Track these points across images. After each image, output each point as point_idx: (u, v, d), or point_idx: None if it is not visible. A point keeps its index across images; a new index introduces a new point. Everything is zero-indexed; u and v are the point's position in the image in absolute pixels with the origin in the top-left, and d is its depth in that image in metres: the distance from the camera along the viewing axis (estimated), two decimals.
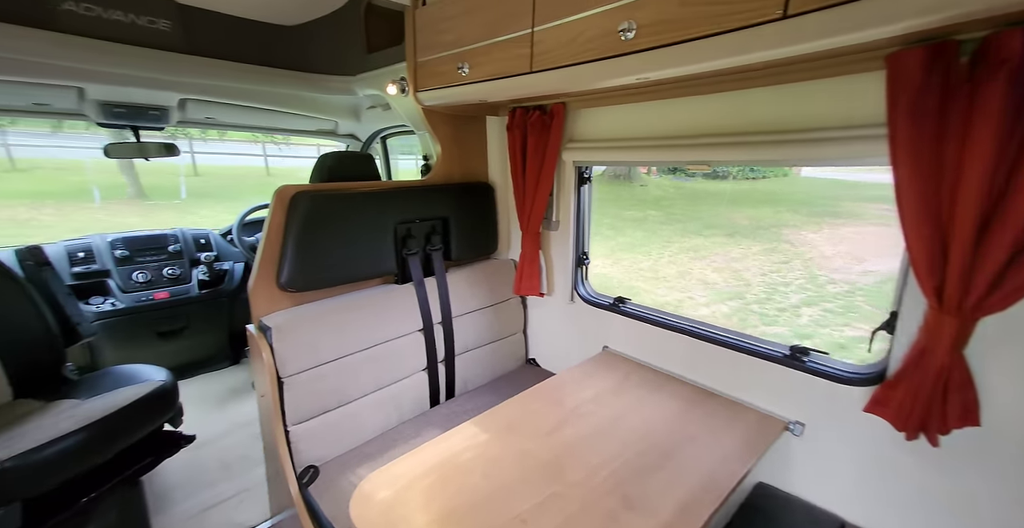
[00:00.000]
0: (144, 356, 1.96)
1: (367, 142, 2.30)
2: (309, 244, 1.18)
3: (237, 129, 2.00)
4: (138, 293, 1.85)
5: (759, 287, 5.07)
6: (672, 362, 1.26)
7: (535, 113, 1.35)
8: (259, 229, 2.36)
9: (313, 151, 12.87)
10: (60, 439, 1.05)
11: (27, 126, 9.07)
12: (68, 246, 1.78)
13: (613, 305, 1.41)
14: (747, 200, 8.35)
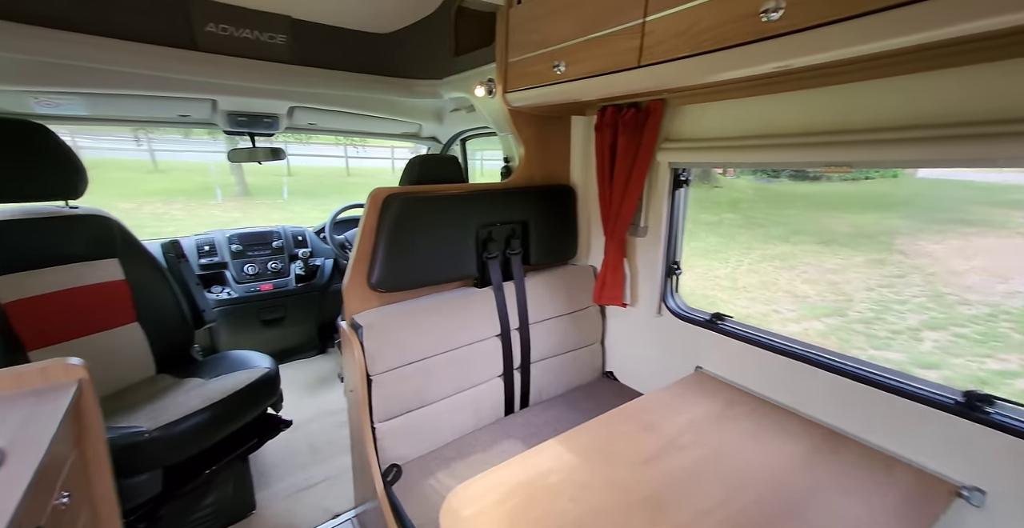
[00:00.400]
0: (249, 341, 2.19)
1: (447, 144, 2.36)
2: (399, 245, 1.21)
3: (333, 134, 2.15)
4: (248, 284, 2.07)
5: (864, 304, 4.43)
6: (786, 393, 1.10)
7: (629, 111, 1.26)
8: (348, 227, 2.53)
9: (387, 153, 13.84)
10: (192, 415, 1.19)
11: (165, 133, 10.72)
12: (197, 240, 2.05)
13: (710, 322, 1.28)
14: (846, 204, 7.36)
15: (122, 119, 1.63)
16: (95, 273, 1.37)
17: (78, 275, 1.34)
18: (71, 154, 1.31)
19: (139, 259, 1.47)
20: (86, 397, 0.89)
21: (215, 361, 1.54)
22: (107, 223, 1.42)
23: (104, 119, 1.59)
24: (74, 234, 1.34)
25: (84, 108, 1.46)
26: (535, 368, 1.50)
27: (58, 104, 1.40)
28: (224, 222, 8.24)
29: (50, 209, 1.32)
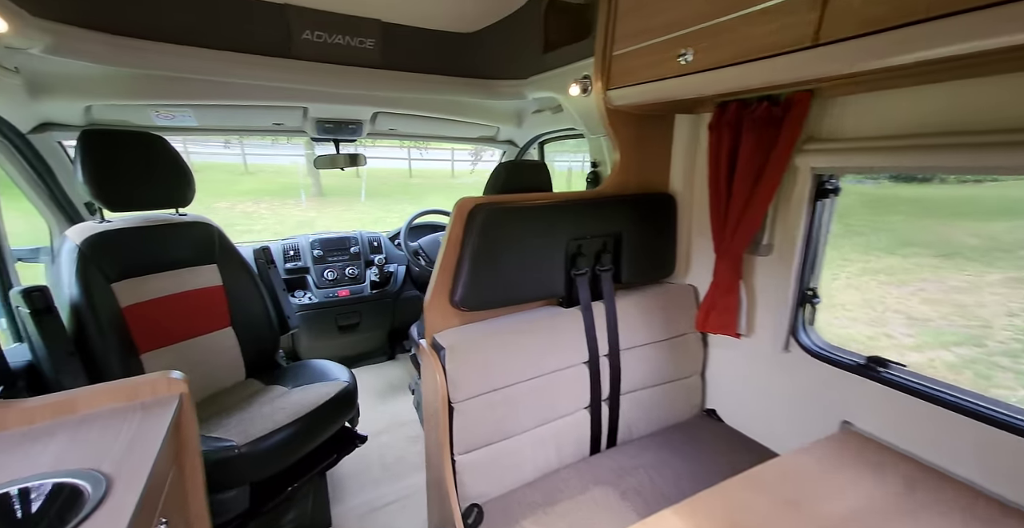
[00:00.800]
0: (326, 345, 2.24)
1: (524, 148, 2.24)
2: (485, 259, 1.10)
3: (411, 139, 2.12)
4: (327, 289, 2.11)
5: (1007, 332, 3.68)
6: (1004, 480, 0.83)
7: (760, 106, 1.05)
8: (420, 234, 2.51)
9: (447, 154, 14.18)
10: (279, 430, 1.17)
11: (255, 138, 11.83)
12: (284, 244, 2.12)
13: (863, 367, 1.02)
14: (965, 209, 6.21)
15: (225, 129, 1.71)
16: (197, 278, 1.43)
17: (183, 280, 1.39)
18: (183, 163, 1.37)
19: (235, 265, 1.52)
20: (186, 411, 0.88)
21: (297, 369, 1.55)
22: (209, 230, 1.47)
23: (209, 129, 1.68)
24: (181, 241, 1.40)
25: (194, 119, 1.53)
26: (625, 401, 1.33)
27: (173, 116, 1.48)
28: (303, 221, 8.89)
29: (163, 216, 1.39)
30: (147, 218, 1.36)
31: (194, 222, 1.45)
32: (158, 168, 1.32)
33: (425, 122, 1.90)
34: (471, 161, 14.44)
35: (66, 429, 0.77)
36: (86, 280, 1.17)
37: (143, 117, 1.47)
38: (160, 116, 1.46)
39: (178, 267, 1.39)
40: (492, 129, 2.09)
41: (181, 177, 1.37)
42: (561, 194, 1.31)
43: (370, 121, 1.82)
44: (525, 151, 2.27)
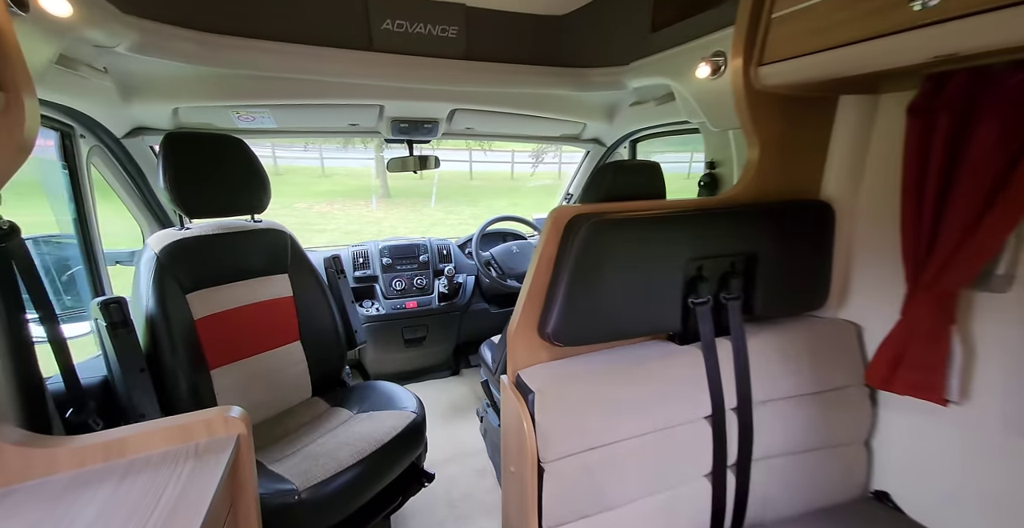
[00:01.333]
0: (392, 359, 2.14)
1: (612, 147, 1.98)
2: (585, 284, 0.87)
3: (486, 138, 1.95)
4: (395, 300, 2.00)
5: None
6: None
7: (1015, 77, 0.70)
8: (492, 242, 2.34)
9: (507, 156, 14.11)
10: (342, 472, 1.04)
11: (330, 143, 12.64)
12: (354, 250, 2.06)
13: None
14: None
15: (302, 131, 1.65)
16: (268, 289, 1.36)
17: (254, 291, 1.33)
18: (260, 167, 1.30)
19: (306, 275, 1.43)
20: (243, 455, 0.75)
21: (363, 392, 1.43)
22: (282, 237, 1.40)
23: (288, 132, 1.62)
24: (255, 248, 1.34)
25: (272, 121, 1.48)
26: (758, 469, 1.02)
27: (253, 118, 1.43)
28: (371, 221, 9.31)
29: (238, 223, 1.33)
30: (223, 225, 1.30)
31: (268, 229, 1.37)
32: (236, 172, 1.25)
33: (504, 119, 1.71)
34: (531, 163, 14.27)
35: (113, 476, 0.67)
36: (162, 291, 1.11)
37: (225, 120, 1.43)
38: (241, 118, 1.42)
39: (250, 277, 1.32)
40: (578, 126, 1.85)
41: (258, 181, 1.30)
42: (678, 202, 1.03)
43: (446, 120, 1.67)
44: (613, 151, 2.01)
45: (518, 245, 2.13)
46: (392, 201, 11.04)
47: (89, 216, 1.30)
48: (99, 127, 1.29)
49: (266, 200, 1.33)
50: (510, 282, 2.01)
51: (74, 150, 1.23)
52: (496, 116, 1.67)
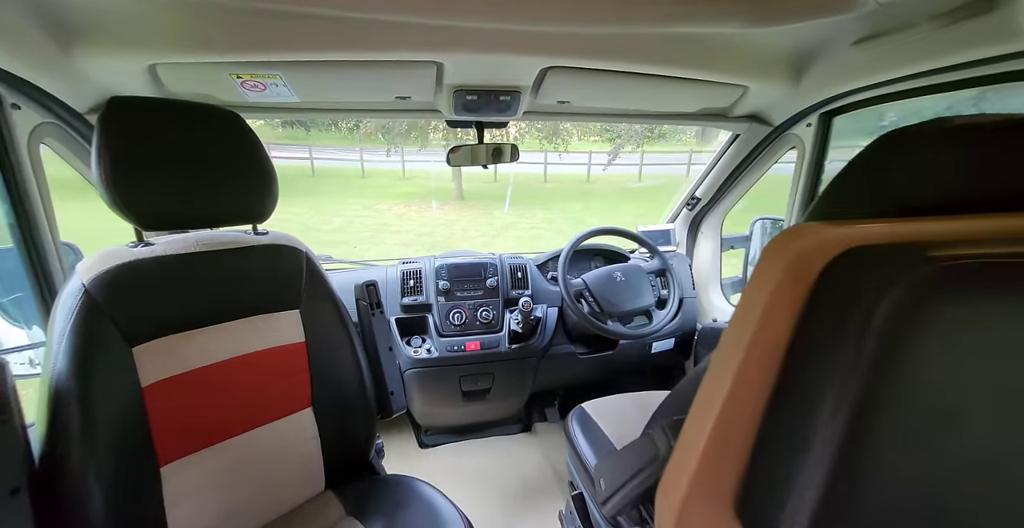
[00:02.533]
0: (443, 413, 1.66)
1: (782, 127, 1.28)
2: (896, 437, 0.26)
3: (585, 119, 1.37)
4: (452, 339, 1.50)
5: None
6: None
7: None
8: (583, 264, 1.75)
9: (583, 158, 13.30)
10: None
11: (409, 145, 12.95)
12: (404, 269, 1.59)
13: None
14: None
15: (334, 108, 1.22)
16: (270, 332, 0.92)
17: (247, 336, 0.90)
18: (264, 155, 0.87)
19: (326, 311, 0.99)
20: None
21: (392, 492, 0.96)
22: (296, 256, 0.96)
23: (315, 110, 1.20)
24: (254, 274, 0.91)
25: (291, 91, 1.05)
26: None
27: (263, 86, 1.01)
28: (444, 223, 9.23)
29: (229, 237, 0.91)
30: (205, 239, 0.89)
31: (276, 245, 0.94)
32: (228, 164, 0.83)
33: (618, 86, 1.12)
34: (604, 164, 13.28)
35: None
36: (86, 343, 0.70)
37: (228, 90, 1.02)
38: (247, 85, 1.00)
39: (242, 315, 0.90)
40: (733, 93, 1.19)
41: (261, 178, 0.87)
42: None
43: (532, 89, 1.13)
44: (780, 134, 1.31)
45: (623, 271, 1.51)
46: (465, 203, 10.94)
47: (37, 219, 0.97)
48: (44, 95, 0.93)
49: (271, 205, 0.90)
50: (611, 325, 1.41)
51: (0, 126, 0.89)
52: (607, 80, 1.09)
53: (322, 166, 13.71)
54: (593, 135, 14.75)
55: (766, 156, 1.43)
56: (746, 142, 1.42)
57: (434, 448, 1.76)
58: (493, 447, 1.77)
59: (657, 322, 1.42)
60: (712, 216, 1.76)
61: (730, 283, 1.82)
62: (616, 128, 11.94)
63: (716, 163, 1.57)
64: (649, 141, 12.28)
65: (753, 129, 1.35)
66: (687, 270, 1.77)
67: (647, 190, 12.53)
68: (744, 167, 1.50)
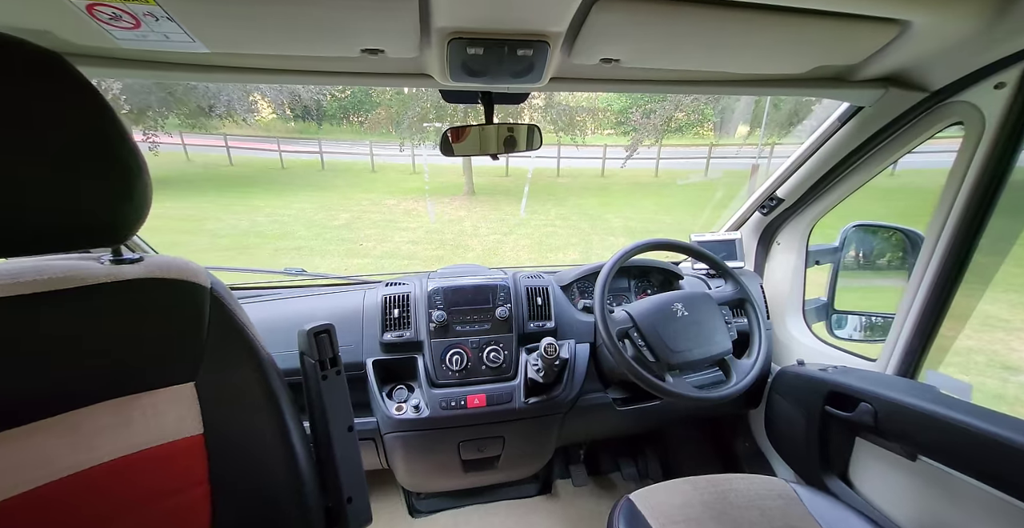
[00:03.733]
0: (437, 484, 1.28)
1: (944, 92, 0.85)
2: None
3: (639, 87, 0.95)
4: (449, 391, 1.10)
5: None
6: None
7: None
8: (622, 286, 1.35)
9: (598, 152, 12.74)
10: None
11: (425, 140, 12.60)
12: (386, 294, 1.20)
13: None
14: None
15: (270, 70, 0.83)
16: (142, 424, 0.57)
17: (100, 434, 0.55)
18: (121, 134, 0.49)
19: (242, 380, 0.62)
20: None
21: None
22: (190, 295, 0.59)
23: (241, 70, 0.80)
24: (114, 327, 0.54)
25: (188, 37, 0.66)
26: None
27: (132, 19, 0.62)
28: (453, 219, 8.87)
29: (63, 269, 0.53)
30: (21, 274, 0.52)
31: (152, 279, 0.57)
32: (46, 143, 0.46)
33: (696, 34, 0.71)
34: (622, 159, 12.70)
35: None
36: None
37: (78, 24, 0.61)
38: (105, 18, 0.60)
39: (94, 399, 0.54)
40: (874, 38, 0.76)
41: (118, 171, 0.50)
42: None
43: (566, 38, 0.73)
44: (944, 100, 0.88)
45: (686, 302, 1.08)
46: (476, 199, 10.58)
47: None
48: None
49: (133, 212, 0.52)
50: (672, 382, 0.99)
51: None
52: (679, 25, 0.68)
53: (333, 160, 13.53)
54: (607, 128, 14.19)
55: (901, 139, 1.00)
56: (872, 119, 0.98)
57: (428, 517, 1.39)
58: (503, 516, 1.38)
59: (738, 378, 1.00)
60: (796, 222, 1.33)
61: (813, 309, 1.40)
62: (633, 120, 11.38)
63: (814, 152, 1.14)
64: (665, 134, 11.70)
65: (889, 98, 0.92)
66: (759, 292, 1.36)
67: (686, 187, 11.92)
68: (860, 156, 1.07)
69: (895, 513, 0.97)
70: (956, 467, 0.81)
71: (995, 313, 3.47)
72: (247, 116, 10.13)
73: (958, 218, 0.87)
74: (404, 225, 8.41)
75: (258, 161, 12.82)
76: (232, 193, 9.84)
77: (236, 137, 12.54)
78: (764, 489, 0.94)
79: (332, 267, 5.90)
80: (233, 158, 12.48)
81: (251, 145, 12.89)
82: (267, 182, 11.37)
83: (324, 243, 6.93)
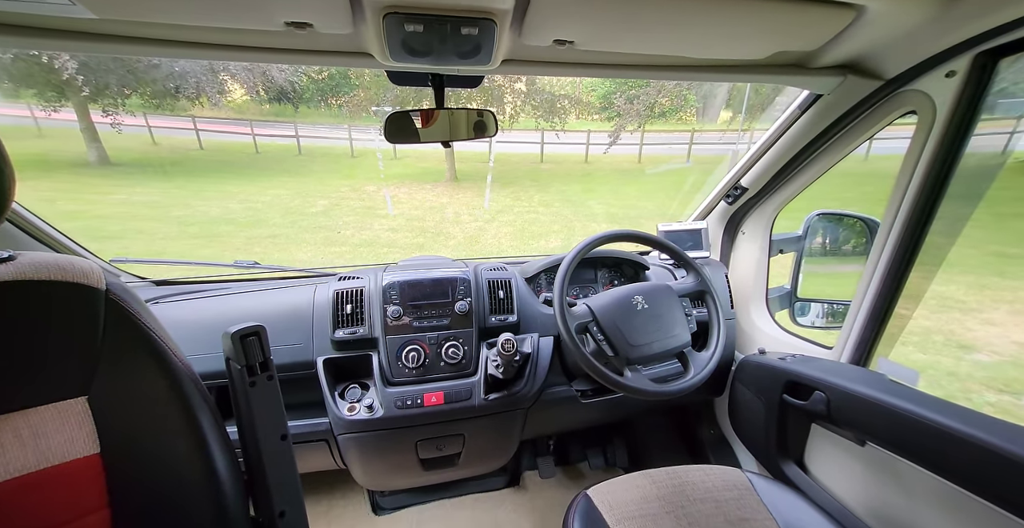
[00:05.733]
0: (397, 483, 1.26)
1: (898, 81, 0.83)
2: None
3: (597, 72, 0.91)
4: (404, 389, 1.07)
5: None
6: None
7: None
8: (586, 277, 1.32)
9: (582, 138, 12.61)
10: None
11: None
12: (337, 289, 1.13)
13: None
14: None
15: (173, 43, 0.73)
16: (26, 445, 0.51)
17: None
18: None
19: (144, 388, 0.58)
20: None
21: None
22: (81, 297, 0.54)
23: (137, 41, 0.71)
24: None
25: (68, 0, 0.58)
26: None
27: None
28: (435, 206, 8.71)
29: None
30: None
31: (28, 282, 0.51)
32: None
33: (652, 16, 0.67)
34: (605, 145, 12.62)
35: None
36: None
37: None
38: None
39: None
40: (830, 24, 0.73)
41: None
42: None
43: (514, 17, 0.67)
44: (899, 88, 0.86)
45: (646, 295, 1.05)
46: (459, 185, 10.41)
47: None
48: None
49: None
50: (630, 377, 0.96)
51: None
52: (633, 6, 0.64)
53: (310, 145, 13.06)
54: (592, 113, 14.03)
55: (860, 127, 0.98)
56: (831, 107, 0.96)
57: (392, 514, 1.38)
58: (470, 510, 1.38)
59: (696, 371, 1.00)
60: (760, 211, 1.32)
61: (776, 297, 1.40)
62: (616, 105, 11.27)
63: (776, 140, 1.12)
64: (648, 120, 11.65)
65: (847, 86, 0.90)
66: (723, 282, 1.35)
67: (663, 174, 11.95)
68: (821, 145, 1.05)
69: (846, 497, 0.99)
70: (900, 453, 0.83)
71: (951, 294, 3.62)
72: (217, 97, 9.65)
73: (911, 205, 0.87)
74: (384, 212, 8.24)
75: (230, 145, 12.29)
76: (202, 178, 9.45)
77: (206, 119, 11.96)
78: (720, 480, 0.94)
79: (309, 256, 5.76)
80: (203, 142, 11.91)
81: (223, 128, 12.31)
82: (240, 167, 10.94)
83: (301, 231, 6.73)
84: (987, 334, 3.14)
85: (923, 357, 2.83)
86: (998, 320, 3.34)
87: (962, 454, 0.72)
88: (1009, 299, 3.61)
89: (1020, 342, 3.03)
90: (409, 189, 10.15)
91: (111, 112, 8.44)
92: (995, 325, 3.27)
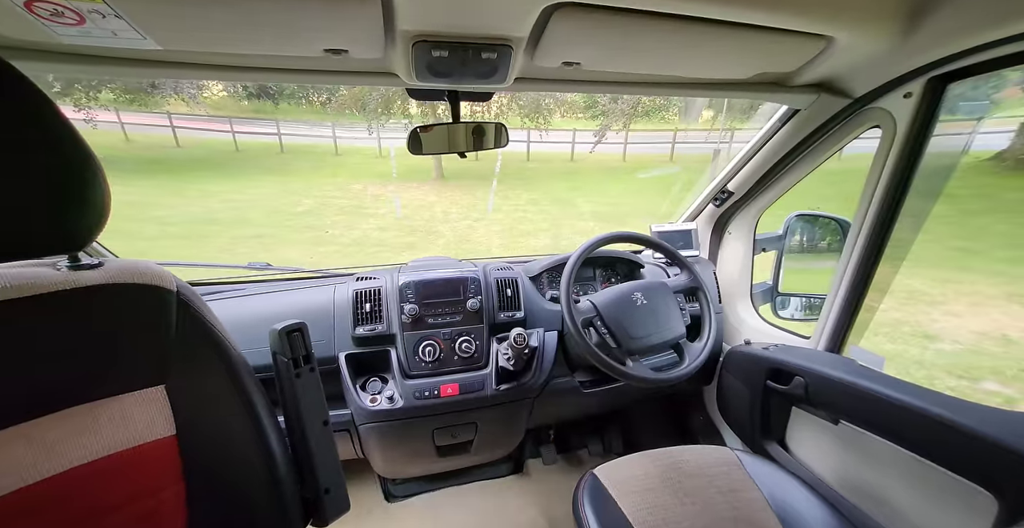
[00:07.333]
0: (412, 470, 1.33)
1: (864, 100, 0.94)
2: None
3: (600, 88, 0.99)
4: (422, 381, 1.14)
5: None
6: None
7: None
8: (589, 276, 1.41)
9: (567, 136, 12.72)
10: None
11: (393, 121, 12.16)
12: (357, 289, 1.19)
13: None
14: None
15: (228, 68, 0.80)
16: (111, 428, 0.58)
17: (68, 440, 0.55)
18: (71, 135, 0.48)
19: (214, 379, 0.64)
20: None
21: None
22: (156, 298, 0.59)
23: (197, 67, 0.78)
24: (76, 333, 0.54)
25: (138, 33, 0.63)
26: None
27: (76, 15, 0.58)
28: (423, 205, 8.70)
29: (19, 277, 0.53)
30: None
31: (113, 285, 0.57)
32: None
33: (650, 41, 0.75)
34: (591, 143, 12.78)
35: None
36: None
37: (18, 20, 0.59)
38: (47, 14, 0.57)
39: (61, 405, 0.54)
40: (806, 50, 0.84)
41: (74, 173, 0.49)
42: None
43: (529, 42, 0.75)
44: (864, 106, 0.97)
45: (644, 292, 1.16)
46: (446, 183, 10.40)
47: None
48: None
49: (94, 216, 0.52)
50: (632, 367, 1.07)
51: None
52: (634, 32, 0.72)
53: (293, 143, 12.79)
54: (577, 112, 14.17)
55: (832, 139, 1.09)
56: (807, 121, 1.07)
57: (403, 501, 1.45)
58: (477, 496, 1.47)
59: (690, 360, 1.10)
60: (745, 213, 1.43)
61: (760, 292, 1.52)
62: (601, 104, 11.42)
63: (759, 149, 1.23)
64: (633, 119, 11.85)
65: (821, 103, 1.01)
66: (712, 279, 1.46)
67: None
68: (798, 154, 1.16)
69: (822, 469, 1.11)
70: (869, 428, 0.94)
71: (919, 287, 3.86)
72: (194, 92, 9.40)
73: (877, 208, 0.99)
74: (372, 211, 8.18)
75: (209, 142, 11.95)
76: (181, 177, 9.20)
77: (182, 116, 11.61)
78: (712, 458, 1.05)
79: (298, 256, 5.70)
80: (180, 139, 11.57)
81: (200, 124, 11.96)
82: (220, 165, 10.68)
83: (288, 231, 6.65)
84: (949, 325, 3.37)
85: (892, 347, 3.04)
86: (959, 311, 3.59)
87: (920, 427, 0.84)
88: (968, 292, 3.88)
89: (978, 331, 3.27)
90: (396, 187, 10.10)
91: (83, 108, 8.15)
92: (957, 316, 3.51)
